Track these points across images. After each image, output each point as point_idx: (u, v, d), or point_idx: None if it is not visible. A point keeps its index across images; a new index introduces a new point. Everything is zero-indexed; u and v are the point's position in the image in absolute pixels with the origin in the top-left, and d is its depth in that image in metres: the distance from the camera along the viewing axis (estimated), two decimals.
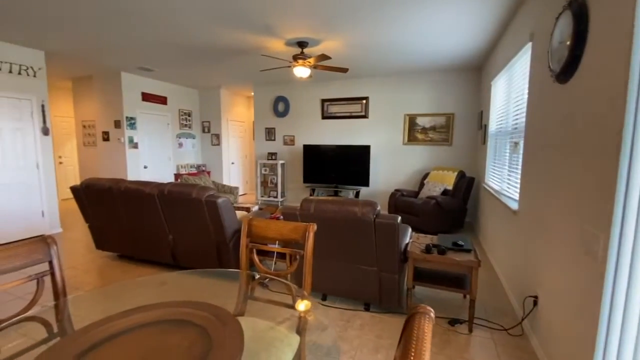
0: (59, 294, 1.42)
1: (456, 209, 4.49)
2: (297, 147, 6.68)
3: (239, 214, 3.43)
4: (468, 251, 2.34)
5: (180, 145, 7.10)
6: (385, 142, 5.94)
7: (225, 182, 7.54)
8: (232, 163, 7.88)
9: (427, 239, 2.63)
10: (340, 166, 5.99)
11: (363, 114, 6.02)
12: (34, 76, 4.33)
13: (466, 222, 5.28)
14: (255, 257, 1.76)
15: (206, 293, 1.71)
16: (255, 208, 4.48)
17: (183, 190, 2.81)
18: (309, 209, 2.35)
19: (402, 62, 4.86)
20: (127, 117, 5.76)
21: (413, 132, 5.69)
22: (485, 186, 4.11)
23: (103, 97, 5.86)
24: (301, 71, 4.02)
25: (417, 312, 0.79)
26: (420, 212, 4.43)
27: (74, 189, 3.37)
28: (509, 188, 3.16)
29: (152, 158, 6.35)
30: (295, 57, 3.96)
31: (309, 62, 3.96)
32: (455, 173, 4.89)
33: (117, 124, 5.77)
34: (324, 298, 2.67)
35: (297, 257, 1.65)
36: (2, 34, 3.75)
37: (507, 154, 3.26)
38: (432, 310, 0.79)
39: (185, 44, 4.09)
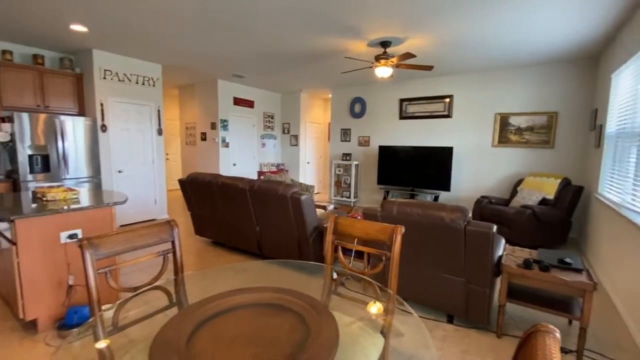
0: (177, 270, 1.68)
1: (557, 221, 3.91)
2: (372, 148, 6.62)
3: (317, 211, 3.56)
4: (578, 271, 2.03)
5: (263, 145, 7.67)
6: (470, 143, 5.49)
7: (301, 180, 7.89)
8: (308, 163, 8.20)
9: (524, 253, 2.35)
10: (417, 168, 5.74)
11: (446, 113, 5.67)
12: (153, 86, 5.16)
13: (570, 238, 4.56)
14: (341, 255, 1.80)
15: (288, 284, 1.81)
16: (331, 207, 4.58)
17: (271, 187, 3.03)
18: (391, 211, 2.31)
19: (495, 56, 4.43)
20: (221, 120, 6.47)
21: (505, 132, 5.14)
22: (600, 197, 3.48)
23: (202, 102, 6.68)
24: (383, 71, 3.98)
25: (539, 330, 0.72)
26: (512, 223, 3.98)
27: (181, 182, 3.91)
28: (634, 201, 2.63)
29: (239, 156, 7.00)
30: (378, 58, 3.94)
31: (392, 61, 3.89)
32: (558, 180, 4.26)
33: (213, 126, 6.52)
34: (402, 303, 2.60)
35: (383, 258, 1.64)
36: (132, 52, 4.57)
37: (634, 161, 2.71)
38: (557, 330, 0.72)
39: (275, 52, 4.41)
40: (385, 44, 3.89)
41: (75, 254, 2.32)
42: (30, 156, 3.83)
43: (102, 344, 1.29)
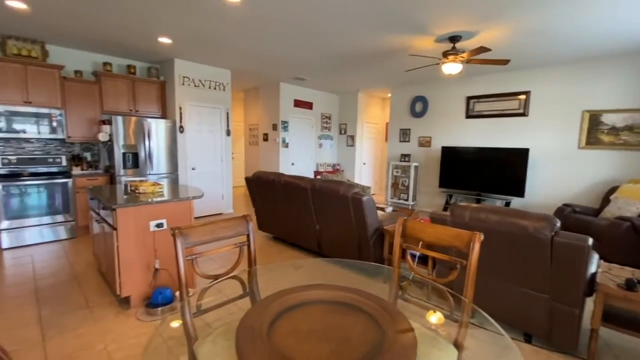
0: (251, 262, 1.78)
1: None
2: (434, 149, 6.31)
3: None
4: None
5: (320, 145, 7.80)
6: (551, 145, 4.92)
7: (357, 181, 7.85)
8: (364, 163, 8.12)
9: (624, 272, 2.03)
10: (485, 171, 5.32)
11: (521, 111, 5.16)
12: (223, 90, 5.57)
13: None
14: (409, 259, 1.74)
15: (348, 284, 1.80)
16: (389, 209, 4.47)
17: (332, 187, 3.06)
18: (462, 217, 2.17)
19: (585, 45, 3.90)
20: (282, 121, 6.73)
21: (595, 132, 4.50)
22: None
23: (265, 104, 7.02)
24: (451, 68, 3.77)
25: None
26: (603, 236, 3.47)
27: (247, 179, 4.16)
28: None
29: (298, 156, 7.21)
30: (446, 54, 3.74)
31: (462, 57, 3.66)
32: None
33: (274, 127, 6.81)
34: (471, 315, 2.43)
35: (458, 266, 1.55)
36: (206, 59, 4.98)
37: None
38: None
39: (338, 53, 4.45)
40: (454, 38, 3.67)
41: (161, 241, 2.60)
42: (123, 154, 4.40)
43: (188, 324, 1.41)
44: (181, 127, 5.08)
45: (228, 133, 5.70)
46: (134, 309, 2.48)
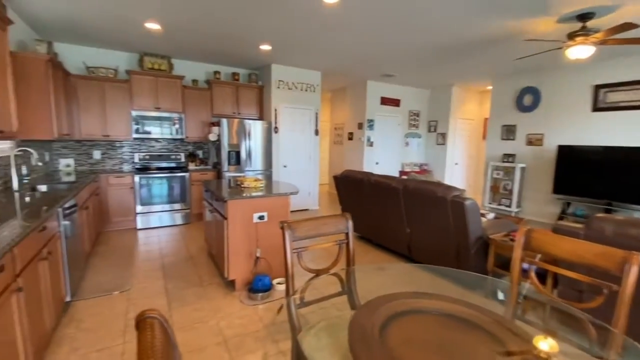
0: (349, 260, 1.78)
1: None
2: (546, 149, 5.42)
3: None
4: None
5: (407, 144, 7.47)
6: None
7: (447, 182, 7.27)
8: (456, 164, 7.48)
9: None
10: (619, 176, 4.34)
11: None
12: (313, 91, 5.78)
13: None
14: (534, 277, 1.50)
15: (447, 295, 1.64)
16: (491, 215, 4.00)
17: (428, 188, 2.88)
18: (601, 230, 1.79)
19: None
20: (367, 120, 6.67)
21: None
22: None
23: (352, 103, 7.05)
24: (579, 51, 3.15)
25: None
26: None
27: (335, 177, 4.23)
28: None
29: (383, 155, 7.05)
30: (572, 35, 3.15)
31: (595, 37, 3.03)
32: None
33: (360, 126, 6.79)
34: (620, 352, 1.99)
35: (605, 291, 1.26)
36: (299, 62, 5.23)
37: None
38: None
39: (433, 46, 4.17)
40: (585, 16, 3.06)
41: (262, 232, 2.81)
42: (228, 152, 4.94)
43: (293, 315, 1.45)
44: (276, 127, 5.45)
45: (316, 133, 5.90)
46: (238, 292, 2.75)
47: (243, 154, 5.07)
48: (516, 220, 3.75)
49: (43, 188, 3.06)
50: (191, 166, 5.18)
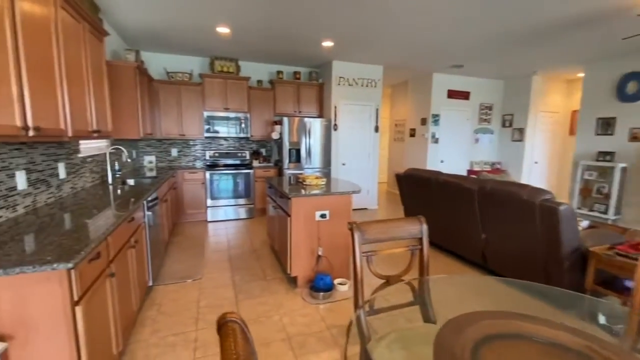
0: (423, 269, 1.62)
1: None
2: None
3: None
4: None
5: (477, 140, 6.85)
6: None
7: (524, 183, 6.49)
8: (535, 162, 6.64)
9: None
10: None
11: None
12: (374, 86, 5.59)
13: None
14: None
15: (534, 314, 1.37)
16: (585, 223, 3.43)
17: (511, 190, 2.55)
18: None
19: None
20: (432, 115, 6.26)
21: None
22: None
23: (414, 98, 6.69)
24: None
25: None
26: None
27: (398, 176, 4.02)
28: None
29: (448, 153, 6.57)
30: None
31: None
32: None
33: (423, 121, 6.41)
34: None
35: None
36: (360, 58, 5.09)
37: None
38: None
39: (514, 29, 3.71)
40: None
41: (323, 231, 2.77)
42: (289, 149, 5.04)
43: (362, 322, 1.36)
44: (335, 125, 5.40)
45: (376, 129, 5.71)
46: (299, 288, 2.75)
47: (303, 152, 5.12)
48: (620, 231, 3.16)
49: (131, 182, 3.43)
50: (255, 163, 5.40)
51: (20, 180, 1.88)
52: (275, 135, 5.12)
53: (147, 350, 1.95)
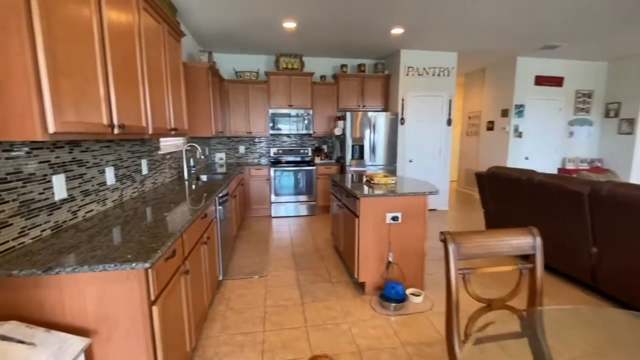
0: (535, 295, 1.30)
1: None
2: None
3: None
4: None
5: (571, 134, 5.85)
6: None
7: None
8: None
9: None
10: None
11: None
12: (448, 75, 5.09)
13: None
14: None
15: None
16: None
17: (637, 194, 2.01)
18: None
19: None
20: (515, 105, 5.50)
21: None
22: None
23: (493, 86, 5.95)
24: None
25: None
26: None
27: (478, 175, 3.56)
28: None
29: (534, 149, 5.72)
30: None
31: None
32: None
33: (504, 113, 5.67)
34: None
35: None
36: (433, 44, 4.65)
37: None
38: None
39: None
40: None
41: (394, 235, 2.53)
42: (352, 146, 4.84)
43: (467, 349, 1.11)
44: (402, 119, 5.05)
45: (449, 123, 5.20)
46: (368, 296, 2.56)
47: (367, 148, 4.89)
48: None
49: (204, 178, 3.58)
50: (317, 160, 5.33)
51: (110, 175, 2.01)
52: (337, 131, 4.97)
53: (217, 347, 1.96)
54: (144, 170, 2.56)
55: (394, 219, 2.50)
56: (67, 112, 1.18)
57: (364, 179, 3.19)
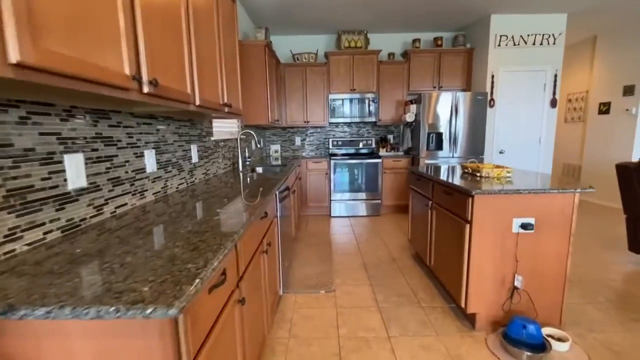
0: None
1: None
2: None
3: None
4: None
5: None
6: None
7: None
8: None
9: None
10: None
11: None
12: (553, 44, 4.03)
13: None
14: None
15: None
16: None
17: None
18: None
19: None
20: None
21: None
22: None
23: (610, 59, 4.68)
24: None
25: None
26: None
27: (621, 168, 2.59)
28: None
29: None
30: None
31: None
32: None
33: (627, 91, 4.40)
34: None
35: None
36: (533, 5, 3.65)
37: None
38: None
39: None
40: None
41: (525, 250, 1.77)
42: (428, 134, 4.06)
43: None
44: (491, 100, 4.13)
45: (553, 104, 4.14)
46: (480, 332, 1.83)
47: (446, 137, 4.06)
48: None
49: (259, 170, 3.12)
50: (382, 152, 4.63)
51: (150, 161, 1.57)
52: (409, 117, 4.21)
53: None
54: (194, 158, 2.13)
55: (525, 226, 1.73)
56: (51, 37, 0.68)
57: (461, 171, 2.44)
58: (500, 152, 4.24)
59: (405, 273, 2.61)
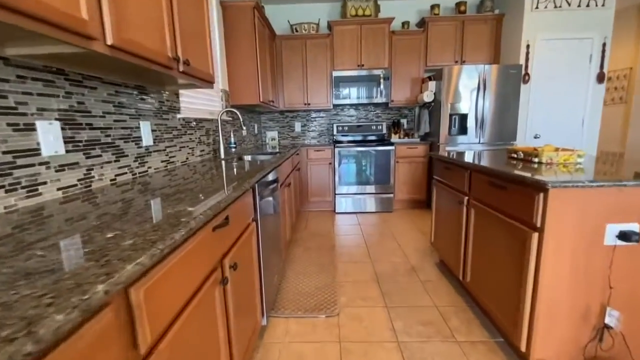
0: None
1: None
2: None
3: None
4: None
5: None
6: None
7: None
8: None
9: None
10: None
11: None
12: (602, 5, 3.34)
13: None
14: None
15: None
16: None
17: None
18: None
19: None
20: None
21: None
22: None
23: None
24: None
25: None
26: None
27: None
28: None
29: None
30: None
31: None
32: None
33: None
34: None
35: None
36: None
37: None
38: None
39: None
40: None
41: (624, 270, 1.18)
42: (450, 116, 3.44)
43: None
44: (526, 74, 3.47)
45: (600, 79, 3.47)
46: None
47: (471, 119, 3.44)
48: None
49: (248, 158, 2.56)
50: (394, 138, 4.03)
51: (49, 138, 1.01)
52: (426, 97, 3.59)
53: None
54: (146, 140, 1.57)
55: (626, 236, 1.14)
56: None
57: (510, 157, 1.84)
58: (536, 137, 3.60)
59: (429, 289, 2.04)
